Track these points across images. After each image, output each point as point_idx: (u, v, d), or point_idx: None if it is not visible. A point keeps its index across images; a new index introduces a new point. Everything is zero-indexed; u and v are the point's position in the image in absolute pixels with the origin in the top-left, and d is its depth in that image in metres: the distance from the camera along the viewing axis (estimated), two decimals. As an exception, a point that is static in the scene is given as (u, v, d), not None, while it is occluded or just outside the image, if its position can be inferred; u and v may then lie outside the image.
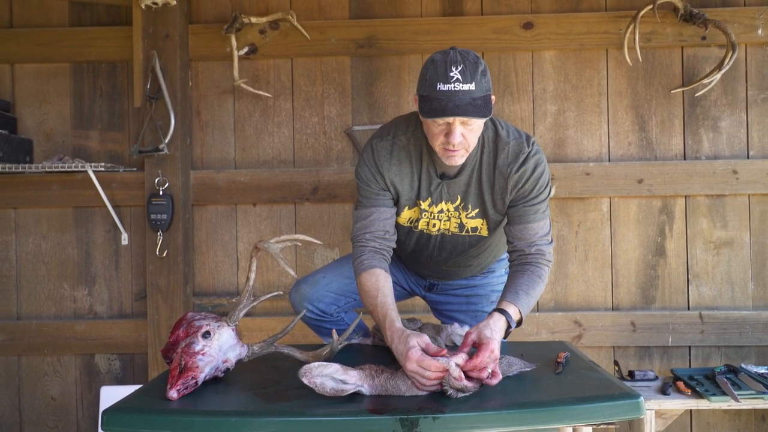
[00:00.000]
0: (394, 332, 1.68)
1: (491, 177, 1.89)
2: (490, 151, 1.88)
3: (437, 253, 2.06)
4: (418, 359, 1.53)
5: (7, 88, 2.93)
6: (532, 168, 1.85)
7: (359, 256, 1.91)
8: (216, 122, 2.92)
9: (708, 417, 2.82)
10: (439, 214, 1.95)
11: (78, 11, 2.94)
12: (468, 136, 1.75)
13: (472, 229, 1.98)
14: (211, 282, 2.92)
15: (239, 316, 1.70)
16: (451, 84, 1.67)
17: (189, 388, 1.53)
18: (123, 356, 2.91)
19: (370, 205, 1.93)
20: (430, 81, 1.70)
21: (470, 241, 2.02)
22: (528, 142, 1.87)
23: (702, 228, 2.82)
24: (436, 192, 1.92)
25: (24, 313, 2.93)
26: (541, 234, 1.89)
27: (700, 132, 2.82)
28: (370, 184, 1.93)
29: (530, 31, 2.81)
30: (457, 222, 1.96)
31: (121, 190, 2.86)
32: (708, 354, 2.81)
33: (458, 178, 1.89)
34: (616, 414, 1.41)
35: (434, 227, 1.98)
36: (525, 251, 1.88)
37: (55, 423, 2.91)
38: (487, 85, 1.72)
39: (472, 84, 1.68)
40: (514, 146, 1.86)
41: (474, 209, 1.94)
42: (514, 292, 1.79)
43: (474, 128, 1.75)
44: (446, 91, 1.67)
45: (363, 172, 1.94)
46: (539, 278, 1.85)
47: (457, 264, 2.12)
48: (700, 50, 2.80)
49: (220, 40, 2.84)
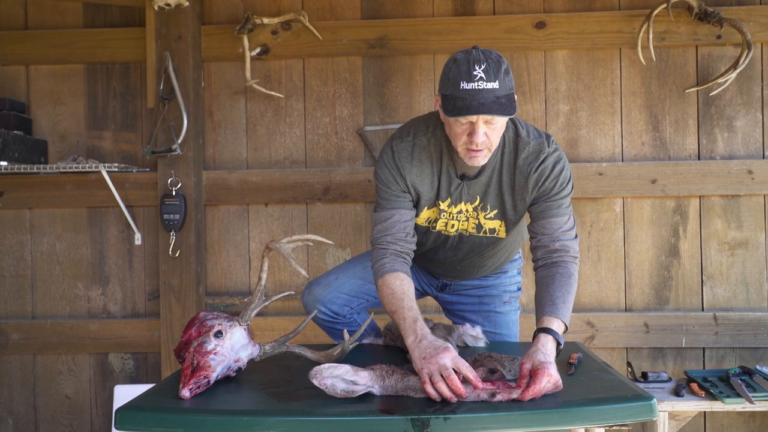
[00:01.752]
0: (427, 333, 1.64)
1: (512, 177, 1.87)
2: (511, 152, 1.86)
3: (453, 253, 2.06)
4: (454, 357, 1.50)
5: (23, 90, 2.96)
6: (552, 165, 1.84)
7: (380, 258, 1.88)
8: (228, 123, 2.93)
9: (722, 419, 2.79)
10: (458, 215, 1.94)
11: (92, 13, 2.96)
12: (491, 136, 1.73)
13: (490, 231, 1.96)
14: (223, 282, 2.93)
15: (251, 315, 1.71)
16: (474, 83, 1.66)
17: (201, 387, 1.53)
18: (136, 355, 2.93)
19: (390, 207, 1.91)
20: (453, 80, 1.69)
21: (487, 242, 2.01)
22: (548, 141, 1.86)
23: (716, 229, 2.80)
24: (456, 193, 1.90)
25: (39, 313, 2.96)
26: (565, 228, 1.86)
27: (714, 132, 2.80)
28: (390, 186, 1.90)
29: (542, 31, 2.80)
30: (475, 222, 1.95)
31: (135, 190, 2.88)
32: (722, 356, 2.79)
33: (478, 178, 1.88)
34: (629, 416, 1.40)
35: (452, 228, 1.97)
36: (549, 246, 1.84)
37: (69, 421, 2.94)
38: (510, 83, 1.71)
39: (495, 82, 1.66)
40: (534, 146, 1.85)
41: (492, 210, 1.92)
42: (551, 303, 1.74)
43: (497, 127, 1.74)
44: (470, 90, 1.66)
45: (383, 174, 1.91)
46: (570, 278, 1.80)
47: (471, 264, 2.12)
48: (715, 49, 2.78)
49: (233, 41, 2.85)
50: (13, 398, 2.95)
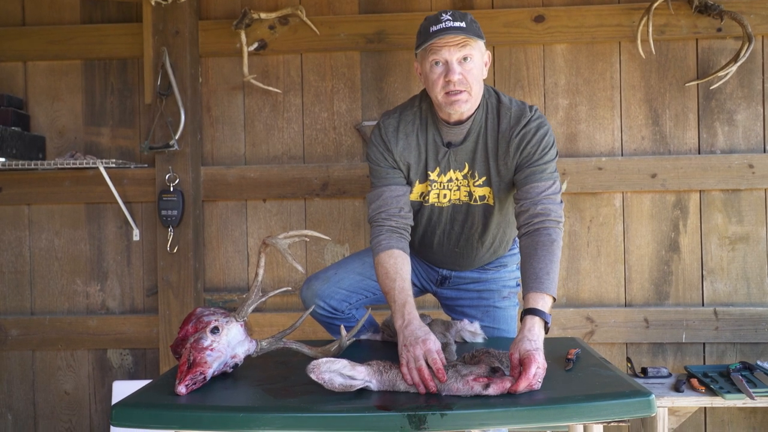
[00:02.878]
0: (414, 318, 1.70)
1: (495, 143, 1.93)
2: (494, 118, 1.93)
3: (449, 227, 2.07)
4: (428, 350, 1.56)
5: (20, 86, 2.95)
6: (534, 130, 1.89)
7: (377, 236, 1.92)
8: (226, 118, 2.92)
9: (723, 415, 2.78)
10: (449, 183, 1.98)
11: (89, 8, 2.95)
12: (467, 76, 1.81)
13: (480, 198, 2.00)
14: (221, 277, 2.93)
15: (248, 311, 1.70)
16: (442, 23, 1.80)
17: (197, 383, 1.53)
18: (135, 351, 2.93)
19: (382, 184, 1.96)
20: (423, 30, 1.85)
21: (479, 211, 2.02)
22: (530, 109, 1.93)
23: (717, 223, 2.78)
24: (443, 161, 1.95)
25: (38, 309, 2.96)
26: (548, 192, 1.85)
27: (715, 125, 2.78)
28: (380, 163, 1.97)
29: (541, 25, 2.78)
30: (466, 191, 1.99)
31: (133, 186, 2.88)
32: (723, 351, 2.78)
33: (464, 144, 1.94)
34: (627, 412, 1.39)
35: (445, 198, 2.01)
36: (530, 210, 1.83)
37: (68, 417, 2.94)
38: (479, 31, 1.85)
39: (462, 23, 1.80)
40: (516, 111, 1.92)
41: (481, 177, 1.97)
42: (535, 277, 1.74)
43: (471, 69, 1.82)
44: (438, 29, 1.80)
45: (372, 152, 1.99)
46: (552, 244, 1.79)
47: (468, 247, 2.11)
48: (716, 42, 2.76)
49: (230, 36, 2.84)
50: (12, 394, 2.95)
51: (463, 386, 1.44)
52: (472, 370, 1.48)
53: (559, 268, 1.82)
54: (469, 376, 1.45)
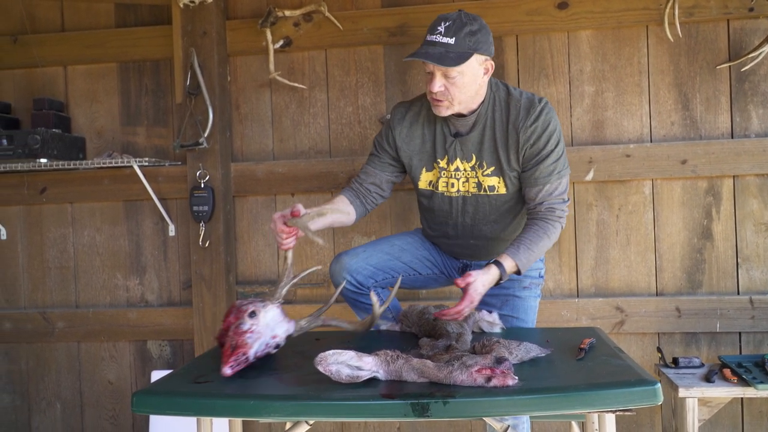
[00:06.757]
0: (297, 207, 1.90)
1: (505, 133, 2.02)
2: (502, 109, 2.04)
3: (461, 218, 2.14)
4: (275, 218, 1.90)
5: (61, 90, 3.09)
6: (544, 124, 1.99)
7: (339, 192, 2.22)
8: (254, 115, 2.99)
9: (760, 406, 2.71)
10: (456, 173, 2.08)
11: (123, 13, 3.06)
12: (451, 90, 1.94)
13: (490, 188, 2.08)
14: (253, 270, 3.01)
15: (282, 293, 1.80)
16: (434, 35, 1.92)
17: (241, 364, 1.61)
18: (173, 342, 3.04)
19: (373, 166, 2.21)
20: (426, 34, 1.97)
21: (490, 201, 2.09)
22: (539, 100, 2.01)
23: (752, 209, 2.70)
24: (450, 149, 2.09)
25: (82, 302, 3.11)
26: (556, 194, 2.02)
27: (748, 109, 2.69)
28: (381, 145, 2.19)
29: (565, 11, 2.74)
30: (475, 182, 2.08)
31: (167, 183, 2.98)
32: (760, 340, 2.70)
33: (470, 134, 2.06)
34: (631, 401, 1.37)
35: (453, 187, 2.10)
36: (536, 209, 2.04)
37: (112, 405, 3.08)
38: (472, 44, 1.91)
39: (452, 39, 1.89)
40: (525, 103, 2.01)
41: (489, 167, 2.06)
42: (516, 246, 1.97)
43: (457, 83, 1.93)
44: (428, 41, 1.93)
45: (379, 136, 2.22)
46: (545, 234, 1.99)
47: (483, 235, 2.16)
48: (748, 22, 2.66)
49: (257, 35, 2.90)
50: (60, 384, 3.11)
51: (467, 378, 1.46)
52: (478, 361, 1.49)
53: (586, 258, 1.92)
54: (473, 367, 1.46)
